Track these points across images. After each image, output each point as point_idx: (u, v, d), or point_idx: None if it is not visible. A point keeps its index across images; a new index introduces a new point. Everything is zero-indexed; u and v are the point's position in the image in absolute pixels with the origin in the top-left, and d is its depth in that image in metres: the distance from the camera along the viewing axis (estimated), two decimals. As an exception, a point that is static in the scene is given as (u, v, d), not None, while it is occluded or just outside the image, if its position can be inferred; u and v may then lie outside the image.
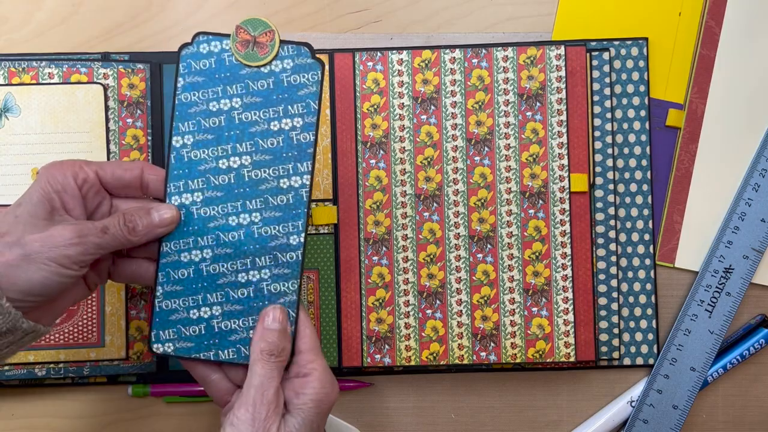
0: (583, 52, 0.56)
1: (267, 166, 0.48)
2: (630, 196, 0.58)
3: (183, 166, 0.47)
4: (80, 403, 0.57)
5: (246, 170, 0.47)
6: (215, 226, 0.47)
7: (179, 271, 0.47)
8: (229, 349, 0.47)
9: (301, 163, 0.47)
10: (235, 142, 0.47)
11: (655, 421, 0.56)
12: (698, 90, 0.58)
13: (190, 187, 0.47)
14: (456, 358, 0.56)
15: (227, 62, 0.48)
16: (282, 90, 0.48)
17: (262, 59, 0.47)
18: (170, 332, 0.47)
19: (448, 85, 0.57)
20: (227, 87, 0.48)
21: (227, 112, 0.48)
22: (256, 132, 0.48)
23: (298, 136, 0.48)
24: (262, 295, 0.47)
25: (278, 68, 0.48)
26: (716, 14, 0.58)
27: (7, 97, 0.56)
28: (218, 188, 0.47)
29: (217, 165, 0.47)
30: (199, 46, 0.48)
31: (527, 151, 0.56)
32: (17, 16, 0.58)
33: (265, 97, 0.48)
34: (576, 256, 0.56)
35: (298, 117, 0.48)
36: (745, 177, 0.57)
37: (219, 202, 0.47)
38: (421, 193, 0.57)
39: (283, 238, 0.47)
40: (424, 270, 0.56)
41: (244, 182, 0.47)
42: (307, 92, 0.48)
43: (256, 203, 0.47)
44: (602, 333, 0.57)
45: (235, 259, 0.47)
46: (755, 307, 0.58)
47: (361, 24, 0.59)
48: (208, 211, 0.47)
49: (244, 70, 0.48)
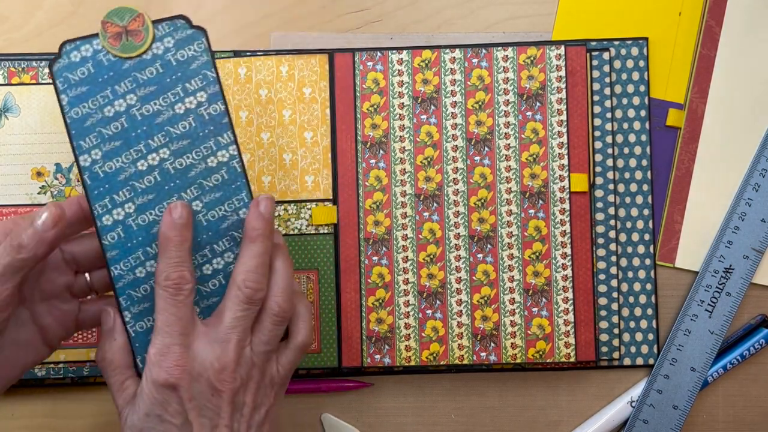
0: (583, 52, 0.56)
1: (188, 152, 0.45)
2: (630, 196, 0.58)
3: (101, 183, 0.44)
4: (80, 403, 0.57)
5: (168, 163, 0.45)
6: (159, 231, 0.44)
7: (140, 288, 0.45)
8: None
9: (221, 135, 0.45)
10: (146, 139, 0.44)
11: (655, 421, 0.56)
12: (698, 90, 0.58)
13: (117, 201, 0.44)
14: (456, 358, 0.56)
15: (106, 62, 0.44)
16: (172, 70, 0.45)
17: (141, 46, 0.44)
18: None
19: (448, 84, 0.57)
20: (115, 87, 0.44)
21: (126, 112, 0.44)
22: (163, 121, 0.45)
23: (208, 110, 0.45)
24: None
25: (160, 50, 0.45)
26: (716, 14, 0.58)
27: (7, 97, 0.56)
28: (147, 191, 0.45)
29: (137, 168, 0.44)
30: (70, 56, 0.44)
31: (527, 151, 0.56)
32: (17, 15, 0.58)
33: (159, 83, 0.45)
34: (576, 256, 0.56)
35: (200, 91, 0.45)
36: (746, 177, 0.57)
37: (153, 205, 0.45)
38: (421, 193, 0.57)
39: (233, 215, 0.45)
40: (424, 270, 0.56)
41: (171, 175, 0.45)
42: (199, 64, 0.45)
43: (192, 192, 0.45)
44: (602, 333, 0.57)
45: (193, 254, 0.45)
46: (755, 307, 0.58)
47: (361, 24, 0.59)
48: (145, 218, 0.45)
49: (126, 63, 0.44)
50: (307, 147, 0.57)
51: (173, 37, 0.45)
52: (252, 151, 0.57)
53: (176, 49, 0.45)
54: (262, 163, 0.57)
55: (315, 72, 0.57)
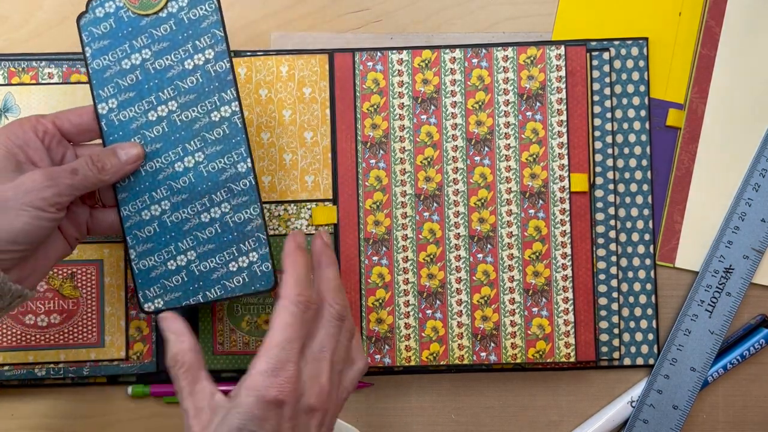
0: (583, 52, 0.56)
1: (194, 105, 0.49)
2: (630, 196, 0.58)
3: (116, 130, 0.49)
4: (80, 403, 0.57)
5: (175, 115, 0.49)
6: (165, 177, 0.49)
7: (145, 229, 0.49)
8: (215, 287, 0.49)
9: (225, 92, 0.48)
10: (156, 92, 0.49)
11: (655, 421, 0.56)
12: (698, 90, 0.58)
13: None
14: (456, 358, 0.56)
15: (126, 18, 0.48)
16: (184, 28, 0.48)
17: (157, 5, 0.48)
18: (155, 288, 0.49)
19: (448, 85, 0.57)
20: (133, 41, 0.48)
21: (140, 66, 0.49)
22: (173, 76, 0.49)
23: (214, 67, 0.48)
24: (228, 227, 0.49)
25: (175, 8, 0.48)
26: (716, 14, 0.58)
27: (7, 97, 0.56)
28: (155, 140, 0.49)
29: (147, 119, 0.49)
30: (95, 11, 0.49)
31: (527, 151, 0.56)
32: (17, 15, 0.58)
33: (171, 40, 0.48)
34: (576, 256, 0.56)
35: (208, 49, 0.48)
36: (746, 177, 0.57)
37: (161, 153, 0.49)
38: (421, 193, 0.57)
39: (231, 168, 0.49)
40: (424, 270, 0.56)
41: (178, 127, 0.49)
42: (209, 23, 0.48)
43: (196, 143, 0.49)
44: (602, 333, 0.57)
45: (193, 202, 0.49)
46: (755, 307, 0.58)
47: (361, 24, 0.59)
48: (153, 165, 0.49)
49: (143, 20, 0.48)
50: (307, 147, 0.57)
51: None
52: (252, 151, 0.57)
53: (189, 8, 0.48)
54: (262, 163, 0.57)
55: (315, 72, 0.57)
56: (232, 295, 0.49)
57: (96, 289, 0.56)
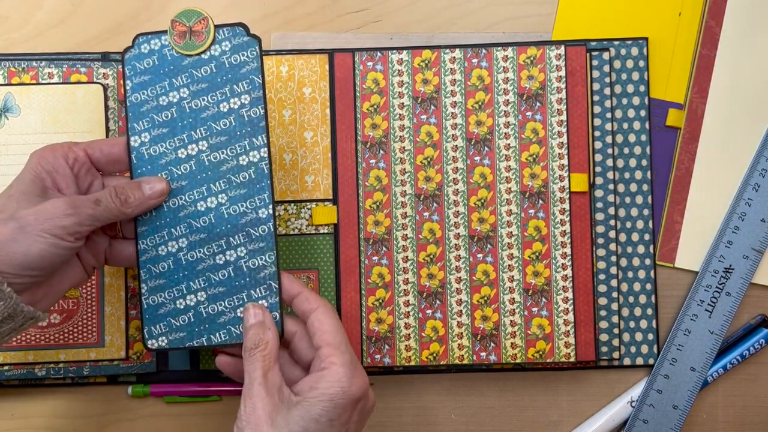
0: (583, 52, 0.56)
1: (224, 147, 0.49)
2: (630, 196, 0.58)
3: (145, 163, 0.49)
4: (80, 403, 0.57)
5: (205, 155, 0.49)
6: (186, 215, 0.49)
7: (159, 265, 0.49)
8: (220, 332, 0.49)
9: (256, 137, 0.49)
10: (189, 130, 0.49)
11: (655, 421, 0.56)
12: (698, 90, 0.58)
13: None
14: (456, 358, 0.56)
15: (169, 56, 0.49)
16: (225, 71, 0.49)
17: (201, 46, 0.49)
18: (161, 326, 0.49)
19: (448, 84, 0.57)
20: (173, 79, 0.49)
21: (177, 104, 0.49)
22: (207, 116, 0.49)
23: (248, 112, 0.49)
24: (242, 272, 0.49)
25: (217, 52, 0.49)
26: (716, 14, 0.58)
27: (7, 97, 0.56)
28: (182, 177, 0.49)
29: (177, 156, 0.49)
30: (141, 47, 0.49)
31: (527, 151, 0.56)
32: (17, 15, 0.58)
33: (210, 82, 0.49)
34: (576, 256, 0.56)
35: (244, 94, 0.49)
36: (745, 177, 0.57)
37: (185, 190, 0.49)
38: (421, 193, 0.57)
39: (252, 213, 0.49)
40: (424, 270, 0.56)
41: (205, 167, 0.49)
42: (249, 69, 0.49)
43: (221, 185, 0.49)
44: (602, 333, 0.57)
45: (210, 243, 0.49)
46: (755, 307, 0.58)
47: (361, 24, 0.59)
48: (176, 201, 0.49)
49: (185, 60, 0.49)
50: (307, 147, 0.57)
51: (231, 42, 0.49)
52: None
53: (231, 53, 0.49)
54: (262, 163, 0.57)
55: (315, 72, 0.57)
56: (236, 342, 0.49)
57: (96, 289, 0.56)
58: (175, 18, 0.49)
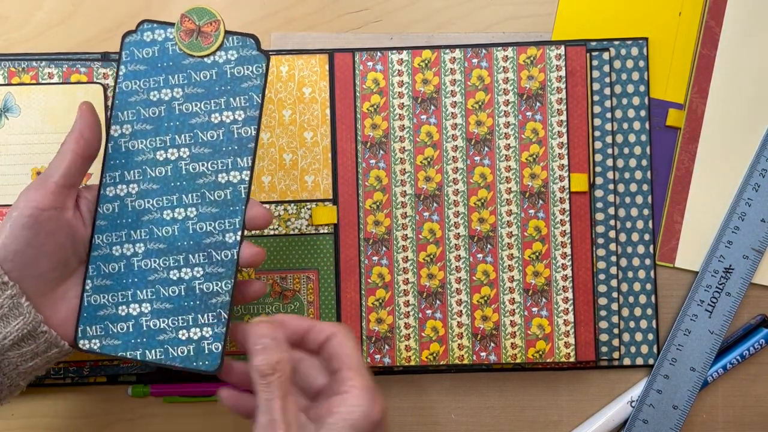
0: (583, 52, 0.56)
1: (206, 160, 0.46)
2: (630, 196, 0.58)
3: (120, 156, 0.46)
4: (80, 403, 0.57)
5: (184, 163, 0.46)
6: (149, 220, 0.46)
7: (110, 265, 0.46)
8: (157, 349, 0.46)
9: (242, 158, 0.46)
10: (174, 134, 0.46)
11: (655, 421, 0.56)
12: (698, 90, 0.58)
13: (126, 178, 0.46)
14: (456, 358, 0.56)
15: (170, 51, 0.47)
16: (225, 81, 0.46)
17: (206, 49, 0.46)
18: (97, 328, 0.46)
19: (448, 85, 0.57)
20: (169, 76, 0.46)
21: (168, 103, 0.46)
22: (196, 124, 0.46)
23: (240, 129, 0.46)
24: (193, 294, 0.46)
25: (222, 59, 0.46)
26: (716, 14, 0.58)
27: (7, 97, 0.56)
28: (154, 180, 0.46)
29: (155, 156, 0.46)
30: (143, 34, 0.47)
31: (527, 151, 0.56)
32: (17, 15, 0.58)
33: (207, 88, 0.46)
34: (576, 256, 0.56)
35: (240, 110, 0.46)
36: (745, 177, 0.57)
37: (155, 195, 0.46)
38: (421, 193, 0.57)
39: (219, 235, 0.46)
40: (424, 270, 0.56)
41: (182, 175, 0.46)
42: (251, 85, 0.46)
43: (193, 198, 0.46)
44: (602, 333, 0.57)
45: (167, 255, 0.46)
46: (755, 307, 0.58)
47: (361, 24, 0.59)
48: (142, 203, 0.46)
49: (187, 59, 0.47)
50: (307, 147, 0.57)
51: (238, 52, 0.46)
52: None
53: (236, 64, 0.46)
54: (262, 163, 0.57)
55: (315, 72, 0.57)
56: (170, 365, 0.46)
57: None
58: (186, 13, 0.47)
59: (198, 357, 0.46)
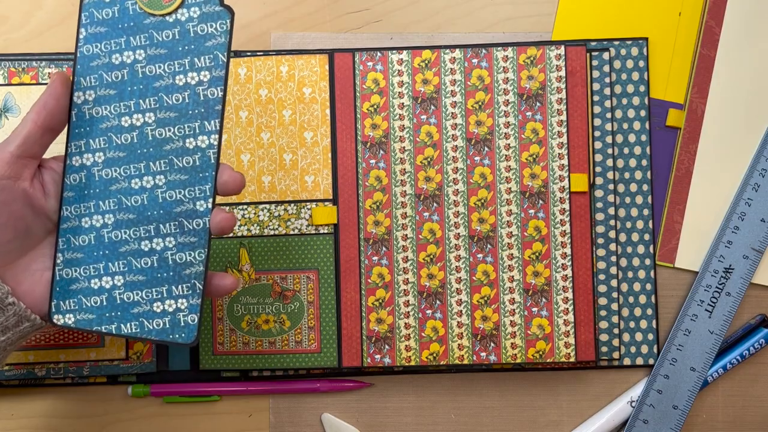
0: (583, 52, 0.56)
1: (172, 125, 0.45)
2: (630, 196, 0.58)
3: (85, 124, 0.45)
4: (80, 403, 0.57)
5: (150, 128, 0.45)
6: (117, 189, 0.45)
7: (80, 238, 0.45)
8: (132, 323, 0.45)
9: (209, 121, 0.44)
10: (138, 98, 0.45)
11: (655, 421, 0.56)
12: (698, 90, 0.58)
13: (92, 147, 0.45)
14: (456, 358, 0.56)
15: (131, 11, 0.45)
16: (188, 41, 0.44)
17: (167, 7, 0.44)
18: (71, 302, 0.45)
19: (448, 85, 0.57)
20: (130, 38, 0.44)
21: (130, 66, 0.45)
22: (160, 87, 0.45)
23: (206, 91, 0.44)
24: (166, 265, 0.45)
25: (184, 17, 0.44)
26: (716, 14, 0.58)
27: (7, 97, 0.56)
28: (120, 148, 0.45)
29: (120, 123, 0.45)
30: None
31: (527, 151, 0.56)
32: (17, 15, 0.58)
33: (170, 49, 0.44)
34: (576, 256, 0.56)
35: (205, 70, 0.44)
36: (745, 177, 0.57)
37: (121, 163, 0.45)
38: (421, 193, 0.57)
39: (189, 203, 0.45)
40: (424, 270, 0.56)
41: (148, 142, 0.45)
42: (215, 43, 0.44)
43: (161, 165, 0.45)
44: (602, 333, 0.57)
45: (138, 226, 0.45)
46: (755, 307, 0.58)
47: (361, 24, 0.59)
48: (110, 172, 0.45)
49: (148, 19, 0.44)
50: (307, 147, 0.57)
51: (200, 9, 0.44)
52: (252, 151, 0.57)
53: (199, 22, 0.44)
54: (262, 163, 0.57)
55: (315, 72, 0.57)
56: (146, 338, 0.45)
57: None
58: None
59: (174, 329, 0.45)
